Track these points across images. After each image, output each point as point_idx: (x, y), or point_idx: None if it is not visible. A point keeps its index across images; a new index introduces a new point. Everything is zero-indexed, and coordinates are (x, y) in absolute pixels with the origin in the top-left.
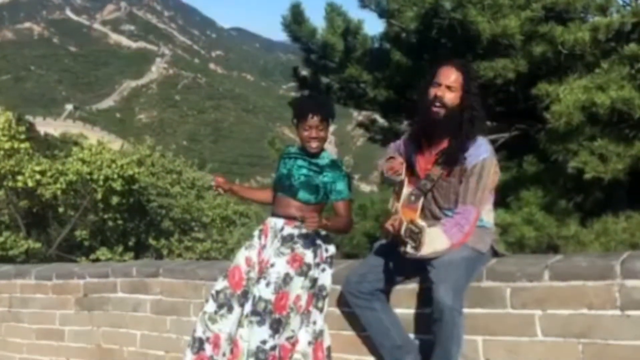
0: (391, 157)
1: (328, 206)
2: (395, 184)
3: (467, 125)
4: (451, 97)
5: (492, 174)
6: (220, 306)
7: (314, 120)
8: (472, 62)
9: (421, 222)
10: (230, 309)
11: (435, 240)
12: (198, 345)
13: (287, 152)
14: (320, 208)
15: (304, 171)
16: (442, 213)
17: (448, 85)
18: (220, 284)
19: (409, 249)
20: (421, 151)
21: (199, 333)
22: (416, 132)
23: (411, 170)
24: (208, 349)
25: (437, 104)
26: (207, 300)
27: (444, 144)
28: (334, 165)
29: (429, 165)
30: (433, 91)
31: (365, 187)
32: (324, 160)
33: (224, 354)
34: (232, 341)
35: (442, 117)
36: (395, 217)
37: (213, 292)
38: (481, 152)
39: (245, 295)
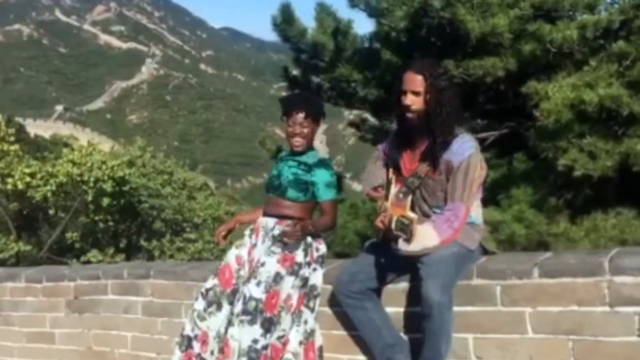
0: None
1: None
2: (381, 192)
3: (441, 123)
4: (418, 102)
5: (479, 170)
6: (209, 304)
7: (298, 116)
8: (462, 61)
9: (412, 214)
10: (219, 307)
11: (425, 237)
12: (186, 343)
13: (280, 157)
14: (310, 206)
15: (293, 170)
16: (432, 211)
17: (413, 90)
18: (210, 282)
19: (400, 244)
20: (405, 150)
21: (188, 331)
22: (397, 134)
23: (398, 169)
24: (196, 346)
25: (408, 112)
26: (196, 299)
27: (425, 143)
28: (322, 164)
29: (413, 164)
30: (402, 99)
31: (357, 187)
32: (312, 159)
33: (212, 352)
34: (221, 339)
35: (416, 122)
36: (384, 214)
37: (203, 290)
38: (466, 148)
39: (234, 293)
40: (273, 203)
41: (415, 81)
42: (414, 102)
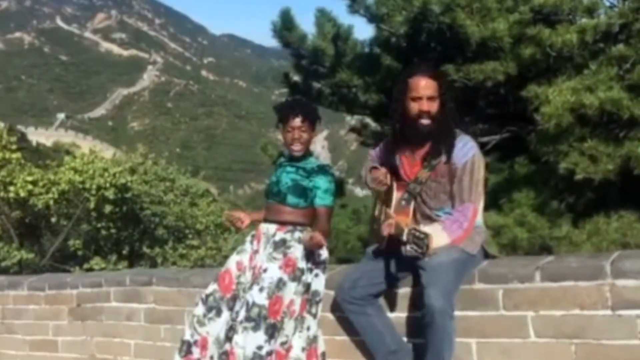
0: (374, 167)
1: None
2: (381, 192)
3: (449, 127)
4: (435, 107)
5: (483, 169)
6: (209, 309)
7: (295, 121)
8: (462, 65)
9: (427, 229)
10: (219, 313)
11: (435, 238)
12: (186, 348)
13: (278, 163)
14: (310, 212)
15: (292, 176)
16: (434, 214)
17: (429, 96)
18: (210, 287)
19: (408, 248)
20: (404, 155)
21: (187, 336)
22: (394, 139)
23: (396, 175)
24: (195, 352)
25: (425, 117)
26: (196, 304)
27: (427, 147)
28: (321, 170)
29: (414, 169)
30: (416, 106)
31: (359, 192)
32: (311, 164)
33: (211, 358)
34: (221, 345)
35: (431, 128)
36: (390, 222)
37: (203, 295)
38: (469, 149)
39: (234, 299)
40: (273, 209)
41: (431, 86)
42: (431, 107)
